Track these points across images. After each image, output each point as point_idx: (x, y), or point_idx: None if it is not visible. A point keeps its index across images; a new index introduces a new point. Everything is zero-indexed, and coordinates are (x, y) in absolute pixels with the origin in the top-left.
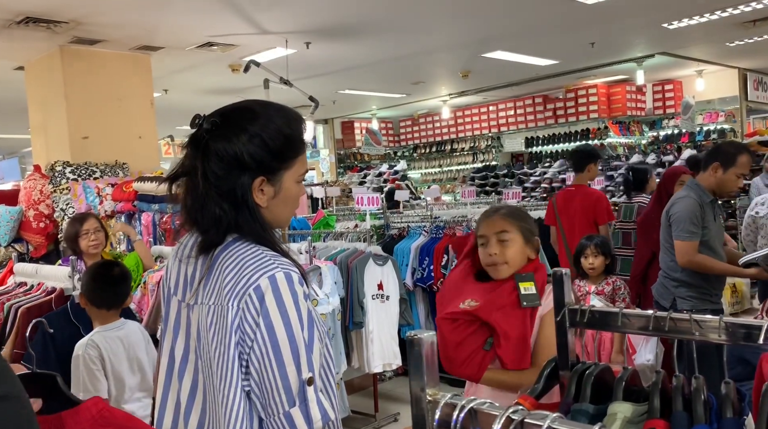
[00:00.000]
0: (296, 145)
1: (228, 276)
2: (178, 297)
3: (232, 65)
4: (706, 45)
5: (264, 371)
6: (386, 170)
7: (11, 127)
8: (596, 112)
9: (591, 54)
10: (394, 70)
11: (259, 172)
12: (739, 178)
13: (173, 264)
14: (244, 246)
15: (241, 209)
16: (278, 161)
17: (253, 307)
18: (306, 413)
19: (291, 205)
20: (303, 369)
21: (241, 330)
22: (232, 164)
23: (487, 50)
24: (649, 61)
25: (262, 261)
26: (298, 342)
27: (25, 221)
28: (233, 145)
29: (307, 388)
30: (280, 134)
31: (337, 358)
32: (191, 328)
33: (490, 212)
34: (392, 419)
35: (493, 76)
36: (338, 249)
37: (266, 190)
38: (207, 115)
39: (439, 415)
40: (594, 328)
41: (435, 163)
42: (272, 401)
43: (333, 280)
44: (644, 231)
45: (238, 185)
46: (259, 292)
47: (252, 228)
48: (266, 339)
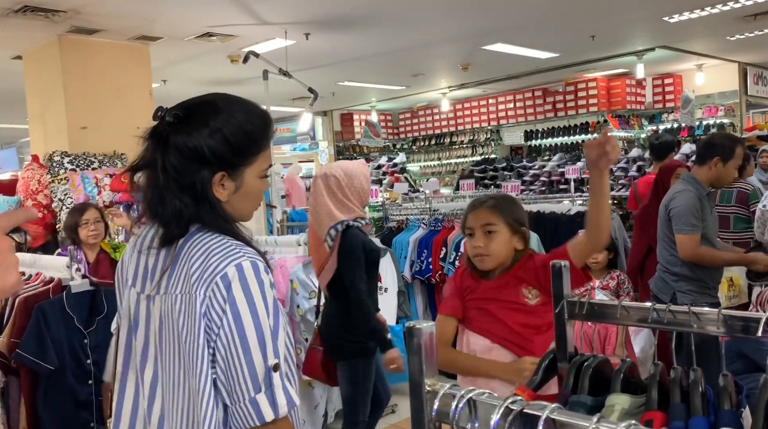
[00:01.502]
0: (258, 142)
1: (194, 265)
2: (136, 288)
3: (231, 56)
4: (706, 39)
5: (230, 358)
6: (385, 163)
7: (9, 117)
8: (596, 105)
9: (591, 47)
10: (393, 62)
11: (220, 167)
12: (735, 170)
13: (131, 256)
14: (209, 235)
15: (202, 203)
16: (239, 157)
17: (219, 294)
18: (272, 399)
19: (253, 200)
20: (269, 355)
21: (208, 317)
22: (192, 158)
23: (487, 42)
24: (650, 54)
25: (228, 249)
26: (264, 329)
27: None
28: (193, 140)
29: (273, 375)
30: (241, 130)
31: None
32: (151, 319)
33: (477, 203)
34: (390, 411)
35: (493, 68)
36: None
37: (227, 185)
38: (169, 108)
39: (438, 405)
40: (593, 320)
41: (434, 156)
42: (238, 388)
43: None
44: (641, 224)
45: (198, 179)
46: (226, 280)
47: (213, 220)
48: (233, 326)
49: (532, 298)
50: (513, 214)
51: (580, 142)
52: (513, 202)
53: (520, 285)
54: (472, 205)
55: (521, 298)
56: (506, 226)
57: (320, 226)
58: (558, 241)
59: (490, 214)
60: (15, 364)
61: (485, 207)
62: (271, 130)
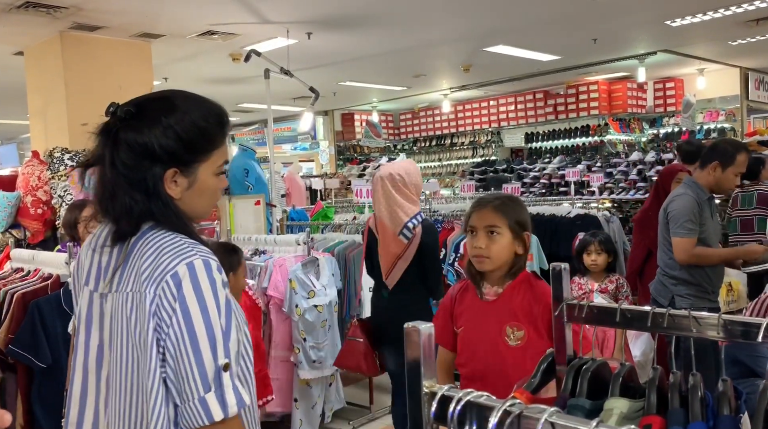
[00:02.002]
0: (212, 138)
1: (145, 263)
2: (90, 287)
3: (232, 54)
4: (708, 43)
5: (180, 357)
6: (385, 163)
7: (10, 113)
8: (597, 108)
9: (593, 50)
10: (395, 62)
11: (172, 164)
12: (736, 177)
13: (86, 255)
14: (161, 233)
15: (154, 200)
16: (192, 154)
17: (170, 292)
18: (221, 398)
19: (208, 198)
20: (219, 355)
21: (158, 316)
22: (142, 155)
23: (489, 44)
24: (651, 58)
25: (180, 248)
26: (215, 328)
27: (22, 207)
28: (144, 136)
29: (223, 374)
30: (194, 127)
31: (334, 349)
32: (104, 318)
33: (483, 202)
34: (387, 411)
35: (494, 70)
36: (336, 241)
37: (179, 181)
38: (122, 104)
39: (436, 407)
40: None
41: (434, 157)
42: (187, 387)
43: (330, 272)
44: (641, 228)
45: (149, 176)
46: (177, 279)
47: (167, 217)
48: (182, 324)
49: (513, 340)
50: (517, 217)
51: (581, 145)
52: (518, 204)
53: (508, 320)
54: (478, 203)
55: (502, 335)
56: (509, 230)
57: (395, 221)
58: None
59: (494, 216)
60: (11, 360)
61: (490, 207)
62: (227, 128)
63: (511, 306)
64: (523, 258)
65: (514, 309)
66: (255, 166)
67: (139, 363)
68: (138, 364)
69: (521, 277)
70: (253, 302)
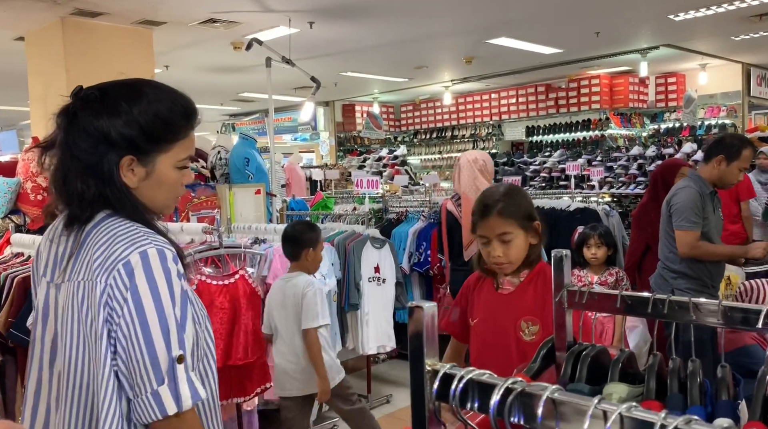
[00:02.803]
0: (174, 129)
1: (98, 251)
2: (47, 278)
3: (234, 43)
4: (711, 38)
5: (131, 348)
6: (386, 155)
7: (9, 99)
8: (598, 102)
9: (596, 43)
10: (397, 53)
11: (128, 151)
12: (740, 172)
13: (44, 246)
14: (117, 222)
15: (109, 186)
16: (151, 143)
17: (121, 282)
18: (175, 391)
19: (167, 191)
20: (173, 346)
21: (109, 306)
22: (98, 139)
23: (492, 36)
24: (654, 52)
25: (134, 236)
26: (168, 318)
27: (22, 193)
28: (101, 120)
29: (177, 366)
30: (156, 116)
31: (333, 338)
32: (58, 309)
33: (486, 210)
34: (385, 401)
35: (496, 62)
36: (336, 231)
37: (136, 170)
38: (87, 87)
39: (438, 385)
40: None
41: (435, 150)
42: (140, 380)
43: (330, 262)
44: (640, 222)
45: (105, 161)
46: (129, 267)
47: (122, 205)
48: (134, 315)
49: (528, 335)
50: (523, 212)
51: (581, 139)
52: (519, 196)
53: (523, 314)
54: (482, 211)
55: (517, 330)
56: (521, 230)
57: None
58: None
59: (503, 222)
60: (12, 343)
61: (495, 214)
62: (193, 121)
63: (526, 299)
64: (538, 247)
65: (529, 303)
66: (256, 155)
67: (90, 356)
68: (89, 356)
69: (538, 269)
70: (252, 290)
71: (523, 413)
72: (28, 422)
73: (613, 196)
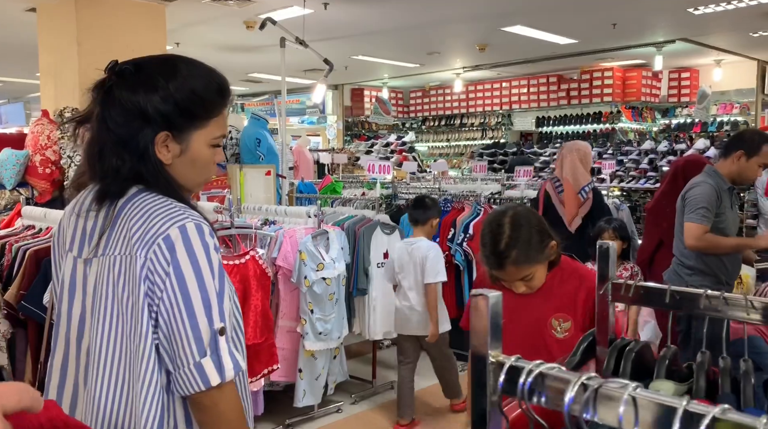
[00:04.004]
0: (210, 106)
1: (135, 225)
2: (74, 253)
3: (246, 22)
4: (728, 34)
5: (174, 321)
6: (394, 141)
7: (18, 71)
8: (610, 95)
9: (612, 35)
10: (410, 38)
11: (164, 127)
12: (760, 168)
13: (69, 220)
14: (152, 196)
15: (144, 161)
16: (186, 119)
17: (162, 256)
18: (218, 363)
19: (201, 169)
20: (215, 318)
21: (149, 280)
22: (134, 114)
23: (507, 24)
24: (669, 46)
25: (171, 211)
26: (209, 291)
27: (31, 166)
28: (138, 95)
29: (219, 338)
30: (192, 92)
31: (340, 322)
32: (87, 285)
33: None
34: (389, 387)
35: (510, 51)
36: (346, 215)
37: (171, 147)
38: (122, 62)
39: (504, 378)
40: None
41: (443, 137)
42: (182, 352)
43: (340, 246)
44: (654, 217)
45: (140, 137)
46: (169, 242)
47: (157, 180)
48: (176, 288)
49: (561, 332)
50: (536, 247)
51: (592, 132)
52: (527, 225)
53: (552, 312)
54: (496, 263)
55: (548, 328)
56: (539, 263)
57: (578, 183)
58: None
59: (519, 269)
60: (23, 316)
61: (510, 264)
62: (227, 99)
63: (555, 297)
64: (556, 251)
65: (559, 300)
66: (267, 135)
67: (124, 330)
68: (123, 331)
69: (562, 265)
70: (263, 271)
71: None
72: (68, 402)
73: (622, 189)
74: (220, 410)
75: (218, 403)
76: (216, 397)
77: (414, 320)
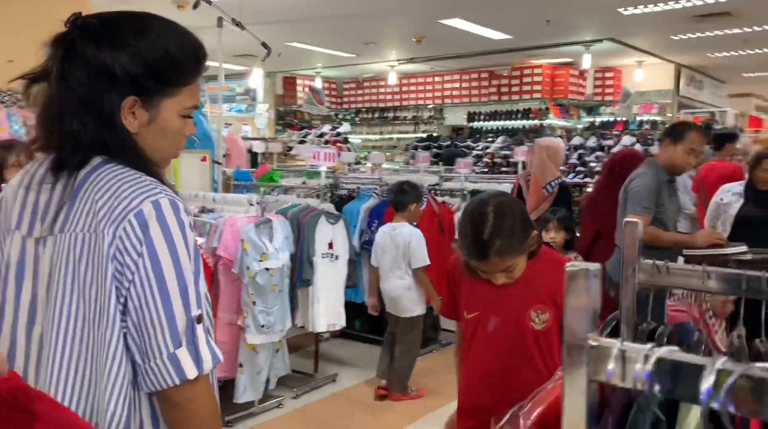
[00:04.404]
0: (184, 71)
1: (101, 200)
2: (22, 232)
3: (178, 1)
4: (652, 35)
5: (146, 307)
6: (328, 131)
7: None
8: (539, 92)
9: (545, 32)
10: (348, 27)
11: (132, 91)
12: (689, 154)
13: (15, 194)
14: (118, 168)
15: (109, 128)
16: (157, 83)
17: (133, 234)
18: (195, 353)
19: (170, 141)
20: (192, 304)
21: (118, 261)
22: (100, 73)
23: (446, 16)
24: (597, 46)
25: (143, 184)
26: (186, 274)
27: None
28: (103, 53)
29: (197, 326)
30: (165, 54)
31: (283, 314)
32: (40, 266)
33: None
34: (331, 380)
35: (446, 45)
36: (289, 204)
37: (138, 114)
38: (86, 15)
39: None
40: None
41: (376, 130)
42: (154, 342)
43: (284, 235)
44: (592, 209)
45: (106, 99)
46: (141, 218)
47: (124, 150)
48: (150, 270)
49: (539, 324)
50: (519, 237)
51: (522, 128)
52: (510, 214)
53: (531, 303)
54: (478, 253)
55: (527, 320)
56: (522, 254)
57: (544, 178)
58: None
59: (502, 260)
60: None
61: (494, 254)
62: (202, 65)
63: (534, 288)
64: (537, 241)
65: (537, 291)
66: (203, 120)
67: (86, 317)
68: (86, 318)
69: (541, 255)
70: (203, 261)
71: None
72: None
73: None
74: (194, 407)
75: (193, 399)
76: (190, 393)
77: (401, 302)
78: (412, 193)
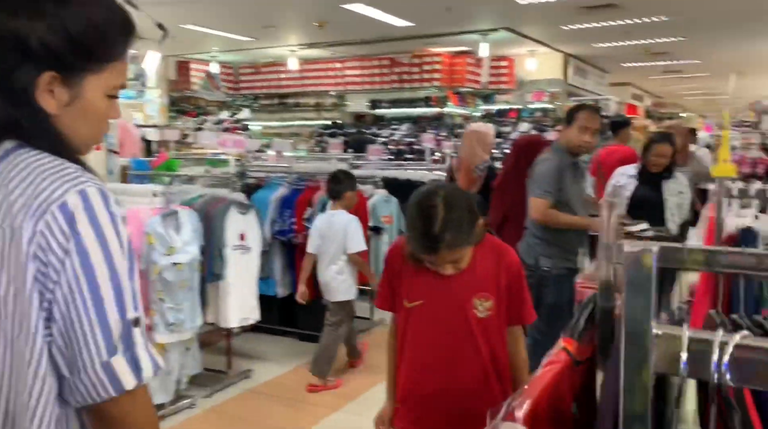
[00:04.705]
0: (110, 44)
1: (16, 190)
2: None
3: None
4: (545, 25)
5: (75, 312)
6: (227, 118)
7: None
8: (439, 80)
9: (446, 20)
10: (246, 8)
11: (50, 66)
12: (583, 132)
13: None
14: (35, 154)
15: (22, 108)
16: (80, 57)
17: (58, 229)
18: (133, 361)
19: (94, 124)
20: (128, 307)
21: (40, 260)
22: (11, 45)
23: (348, 1)
24: (493, 35)
25: (65, 172)
26: (120, 273)
27: None
28: (16, 21)
29: (134, 331)
30: (90, 24)
31: (194, 311)
32: None
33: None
34: (245, 376)
35: (348, 30)
36: (195, 194)
37: (57, 92)
38: None
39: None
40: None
41: (277, 117)
42: (85, 351)
43: (192, 227)
44: (500, 194)
45: (18, 74)
46: (67, 211)
47: (41, 133)
48: (78, 269)
49: (482, 312)
50: (467, 228)
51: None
52: (459, 205)
53: (475, 291)
54: (429, 247)
55: (471, 308)
56: (470, 245)
57: (473, 161)
58: None
59: (452, 253)
60: None
61: (445, 247)
62: (131, 39)
63: (477, 276)
64: (481, 229)
65: (480, 279)
66: None
67: (2, 328)
68: (1, 328)
69: (484, 243)
70: None
71: None
72: None
73: None
74: (131, 421)
75: (130, 412)
76: (129, 405)
77: (338, 287)
78: (347, 181)
